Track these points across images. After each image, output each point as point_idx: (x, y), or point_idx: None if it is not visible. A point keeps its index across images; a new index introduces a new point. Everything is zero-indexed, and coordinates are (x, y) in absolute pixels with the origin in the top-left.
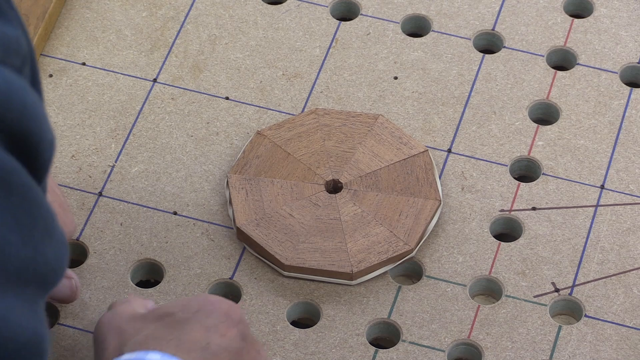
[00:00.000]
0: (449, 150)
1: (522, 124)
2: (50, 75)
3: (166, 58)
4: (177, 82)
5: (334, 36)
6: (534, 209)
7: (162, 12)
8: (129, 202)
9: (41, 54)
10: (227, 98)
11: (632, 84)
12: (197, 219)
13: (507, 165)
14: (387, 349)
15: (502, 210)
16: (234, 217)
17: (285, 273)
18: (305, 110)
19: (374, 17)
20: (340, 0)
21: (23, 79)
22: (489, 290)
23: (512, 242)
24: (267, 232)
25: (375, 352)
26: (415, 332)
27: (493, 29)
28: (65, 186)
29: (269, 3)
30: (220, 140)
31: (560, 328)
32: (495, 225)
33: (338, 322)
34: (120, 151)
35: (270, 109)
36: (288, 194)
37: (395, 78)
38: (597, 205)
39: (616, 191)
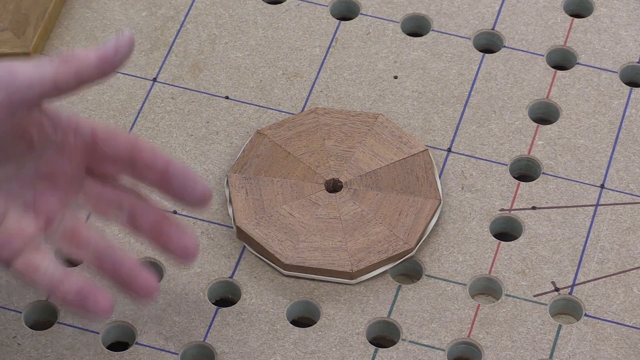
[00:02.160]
0: (449, 150)
1: (522, 123)
2: None
3: (166, 57)
4: (177, 82)
5: (334, 36)
6: (534, 208)
7: (161, 12)
8: None
9: (41, 54)
10: (227, 97)
11: (632, 83)
12: (196, 218)
13: (507, 165)
14: (387, 348)
15: (502, 210)
16: (233, 216)
17: (285, 272)
18: (305, 109)
19: (373, 17)
20: None
21: None
22: (489, 290)
23: (512, 242)
24: (267, 231)
25: (375, 351)
26: (415, 331)
27: (493, 29)
28: None
29: (269, 2)
30: (220, 139)
31: (560, 327)
32: (495, 225)
33: (338, 321)
34: None
35: (270, 108)
36: (288, 193)
37: (395, 77)
38: (597, 205)
39: (616, 190)
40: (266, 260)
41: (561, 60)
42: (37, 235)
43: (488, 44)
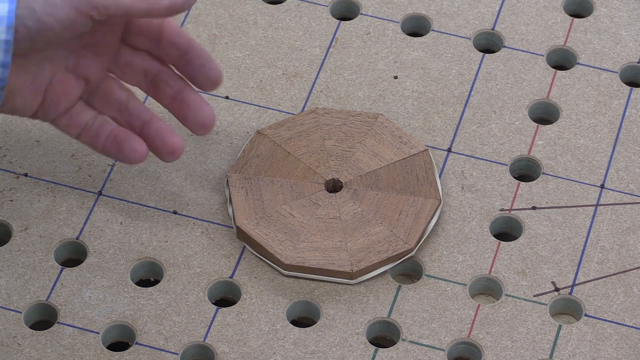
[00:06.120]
0: (449, 150)
1: (522, 123)
2: None
3: None
4: None
5: (334, 36)
6: (534, 208)
7: None
8: (129, 202)
9: None
10: (227, 97)
11: (632, 83)
12: (197, 218)
13: (507, 165)
14: (387, 348)
15: (502, 210)
16: (233, 216)
17: (285, 272)
18: (305, 109)
19: (373, 17)
20: None
21: None
22: (489, 290)
23: (512, 242)
24: (267, 231)
25: (375, 351)
26: (415, 331)
27: (493, 29)
28: (65, 185)
29: (269, 2)
30: (220, 139)
31: (560, 327)
32: (495, 225)
33: (338, 321)
34: None
35: (270, 108)
36: (288, 193)
37: (395, 77)
38: (597, 205)
39: (616, 190)
40: (266, 260)
41: (561, 60)
42: (79, 96)
43: (488, 44)
